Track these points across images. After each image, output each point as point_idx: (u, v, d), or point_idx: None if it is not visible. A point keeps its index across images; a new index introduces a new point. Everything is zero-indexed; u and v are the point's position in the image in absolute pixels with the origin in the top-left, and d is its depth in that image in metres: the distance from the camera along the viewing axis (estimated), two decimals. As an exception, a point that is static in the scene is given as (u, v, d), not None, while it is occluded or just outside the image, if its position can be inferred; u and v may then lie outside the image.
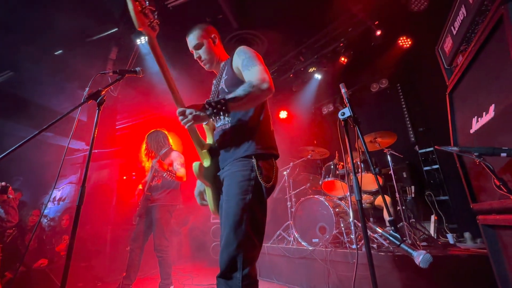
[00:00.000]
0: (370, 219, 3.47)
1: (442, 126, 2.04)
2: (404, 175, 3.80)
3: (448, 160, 3.71)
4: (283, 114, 5.92)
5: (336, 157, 3.63)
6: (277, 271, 3.24)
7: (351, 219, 2.76)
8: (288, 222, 3.56)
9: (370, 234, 2.72)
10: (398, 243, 1.08)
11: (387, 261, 2.34)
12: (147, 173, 3.00)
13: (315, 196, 3.22)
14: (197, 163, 1.35)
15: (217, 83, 1.52)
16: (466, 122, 1.57)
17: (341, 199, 3.45)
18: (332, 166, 3.50)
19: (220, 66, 1.57)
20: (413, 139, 4.34)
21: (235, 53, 1.43)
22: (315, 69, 5.18)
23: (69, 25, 3.96)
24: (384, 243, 2.56)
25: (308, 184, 3.96)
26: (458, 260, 2.12)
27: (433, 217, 3.20)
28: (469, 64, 1.52)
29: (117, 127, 5.94)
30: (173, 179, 2.71)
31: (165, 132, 3.11)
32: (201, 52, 1.53)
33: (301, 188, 3.91)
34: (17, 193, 3.79)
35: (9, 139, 4.84)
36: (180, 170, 2.81)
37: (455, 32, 1.69)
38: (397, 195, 2.92)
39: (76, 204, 1.27)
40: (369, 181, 3.43)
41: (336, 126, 1.45)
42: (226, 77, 1.44)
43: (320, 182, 3.60)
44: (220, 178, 1.35)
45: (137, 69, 1.67)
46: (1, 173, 3.26)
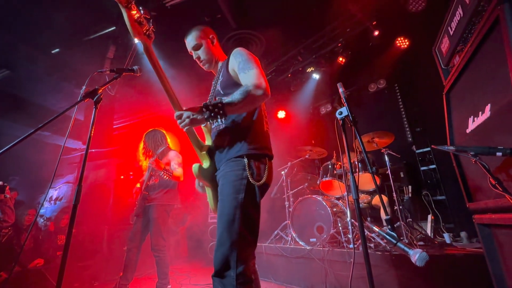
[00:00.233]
0: (368, 218, 3.49)
1: (439, 126, 2.05)
2: (401, 175, 3.81)
3: (445, 160, 3.73)
4: (281, 114, 5.92)
5: (334, 157, 3.64)
6: (274, 270, 3.24)
7: (348, 219, 2.77)
8: (285, 221, 3.56)
9: (367, 233, 2.73)
10: (394, 241, 1.09)
11: (384, 261, 2.35)
12: (144, 173, 2.99)
13: (313, 196, 3.23)
14: (196, 165, 1.38)
15: (214, 84, 1.53)
16: (462, 122, 1.58)
17: (338, 198, 3.46)
18: (330, 166, 3.51)
19: (218, 67, 1.58)
20: (410, 139, 4.37)
21: (231, 54, 1.44)
22: (313, 69, 5.19)
23: (66, 24, 3.94)
24: (381, 242, 2.57)
25: (306, 184, 3.97)
26: (454, 260, 2.13)
27: (430, 217, 3.22)
28: (465, 64, 1.53)
29: (114, 126, 5.90)
30: (170, 179, 2.70)
31: (163, 132, 3.10)
32: (200, 52, 1.54)
33: (299, 188, 3.91)
34: (13, 192, 3.75)
35: (5, 139, 4.81)
36: (177, 170, 2.80)
37: (452, 33, 1.70)
38: (394, 194, 2.93)
39: (73, 204, 1.27)
40: (367, 180, 3.44)
41: (334, 126, 1.45)
42: (222, 79, 1.45)
43: (318, 182, 3.61)
44: (217, 178, 1.37)
45: (135, 67, 1.66)
46: (-3, 172, 3.24)
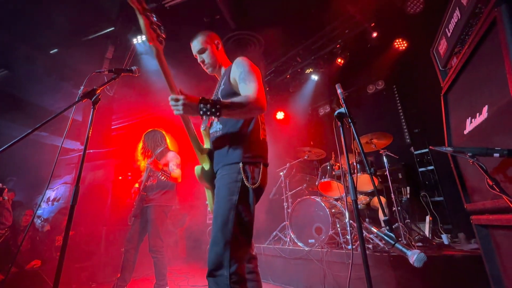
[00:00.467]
0: (366, 219, 3.49)
1: (437, 127, 2.06)
2: (400, 176, 3.82)
3: (443, 161, 3.74)
4: (280, 114, 5.92)
5: (333, 158, 3.64)
6: (273, 271, 3.23)
7: (347, 220, 2.77)
8: (284, 222, 3.56)
9: (366, 234, 2.73)
10: (392, 242, 1.09)
11: (382, 261, 2.35)
12: (142, 173, 2.97)
13: (312, 197, 3.23)
14: (199, 167, 1.45)
15: (216, 90, 1.58)
16: (460, 123, 1.59)
17: (337, 199, 3.46)
18: (329, 167, 3.51)
19: (221, 73, 1.63)
20: (408, 140, 4.38)
21: (233, 63, 1.48)
22: (312, 70, 5.20)
23: (65, 24, 3.93)
24: (379, 243, 2.57)
25: (305, 185, 3.97)
26: (452, 260, 2.13)
27: (428, 218, 3.22)
28: (463, 66, 1.54)
29: (112, 127, 5.89)
30: (167, 180, 2.68)
31: (163, 132, 3.09)
32: (204, 56, 1.59)
33: (297, 189, 3.91)
34: (11, 193, 3.73)
35: (3, 139, 4.78)
36: (175, 171, 2.77)
37: (449, 34, 1.71)
38: (393, 195, 2.94)
39: (70, 204, 1.26)
40: (365, 182, 3.45)
41: (332, 127, 1.46)
42: (224, 87, 1.49)
43: (317, 183, 3.61)
44: (215, 181, 1.42)
45: (133, 68, 1.66)
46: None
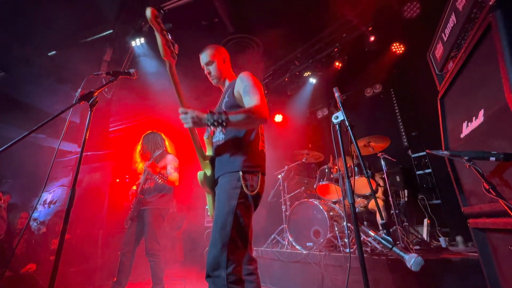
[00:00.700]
0: (364, 222, 3.49)
1: (434, 130, 2.07)
2: (397, 179, 3.83)
3: (441, 164, 3.75)
4: (278, 117, 5.93)
5: (331, 161, 3.64)
6: (271, 275, 3.21)
7: (345, 223, 2.77)
8: (282, 225, 3.55)
9: (364, 237, 2.73)
10: (390, 246, 1.09)
11: (380, 265, 2.35)
12: (140, 175, 2.96)
13: (310, 200, 3.23)
14: (202, 172, 1.52)
15: (220, 102, 1.66)
16: (456, 127, 1.60)
17: (335, 202, 3.46)
18: (327, 170, 3.51)
19: (226, 86, 1.70)
20: (406, 143, 4.40)
21: (238, 78, 1.55)
22: (310, 74, 5.22)
23: (63, 26, 3.93)
24: (377, 246, 2.57)
25: (303, 188, 3.96)
26: (450, 264, 2.13)
27: (425, 221, 3.23)
28: (459, 70, 1.55)
29: (110, 129, 5.86)
30: (165, 183, 2.67)
31: (162, 135, 3.08)
32: (211, 68, 1.67)
33: (295, 192, 3.91)
34: (6, 195, 3.69)
35: (0, 141, 4.75)
36: (173, 174, 2.76)
37: (445, 39, 1.73)
38: (390, 199, 2.94)
39: (66, 207, 1.25)
40: (363, 185, 3.45)
41: (330, 130, 1.46)
42: (227, 99, 1.57)
43: (315, 186, 3.61)
44: (215, 188, 1.49)
45: (131, 70, 1.67)
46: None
